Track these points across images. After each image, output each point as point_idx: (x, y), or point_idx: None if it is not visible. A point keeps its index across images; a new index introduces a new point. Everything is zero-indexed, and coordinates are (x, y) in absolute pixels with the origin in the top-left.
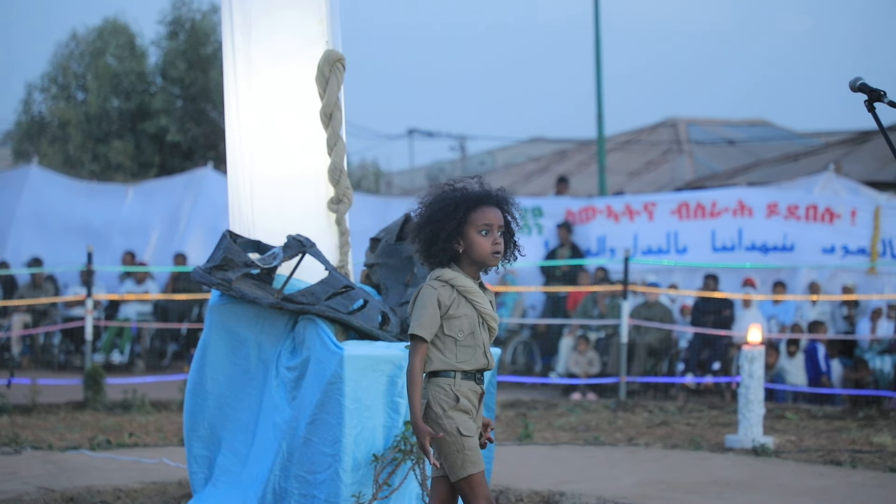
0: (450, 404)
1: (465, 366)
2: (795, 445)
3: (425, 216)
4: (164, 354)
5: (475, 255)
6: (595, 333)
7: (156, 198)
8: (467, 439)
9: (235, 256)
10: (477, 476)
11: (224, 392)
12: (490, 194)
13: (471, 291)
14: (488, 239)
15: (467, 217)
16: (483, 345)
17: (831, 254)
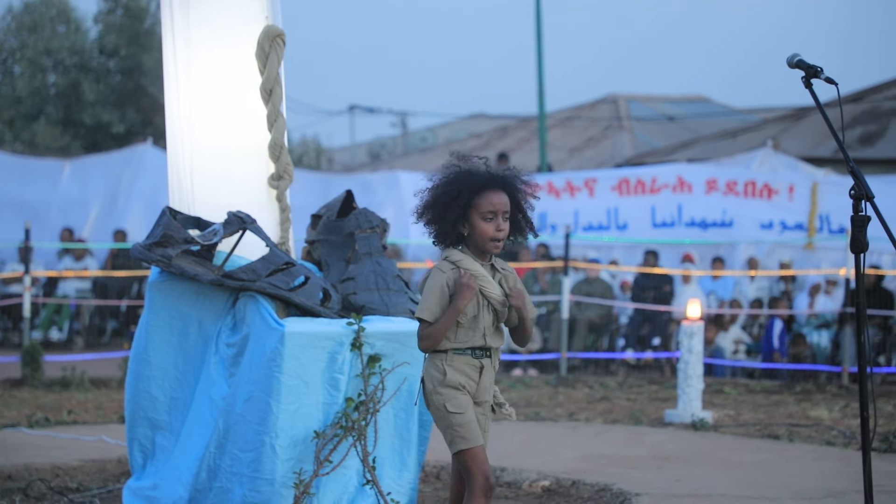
0: (439, 380)
1: (460, 345)
2: (734, 420)
3: (432, 198)
4: (104, 331)
5: (476, 241)
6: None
7: (94, 173)
8: (455, 415)
9: (175, 233)
10: (469, 452)
11: (165, 370)
12: (496, 178)
13: (476, 275)
14: (491, 225)
15: (472, 202)
16: (483, 328)
17: (769, 229)
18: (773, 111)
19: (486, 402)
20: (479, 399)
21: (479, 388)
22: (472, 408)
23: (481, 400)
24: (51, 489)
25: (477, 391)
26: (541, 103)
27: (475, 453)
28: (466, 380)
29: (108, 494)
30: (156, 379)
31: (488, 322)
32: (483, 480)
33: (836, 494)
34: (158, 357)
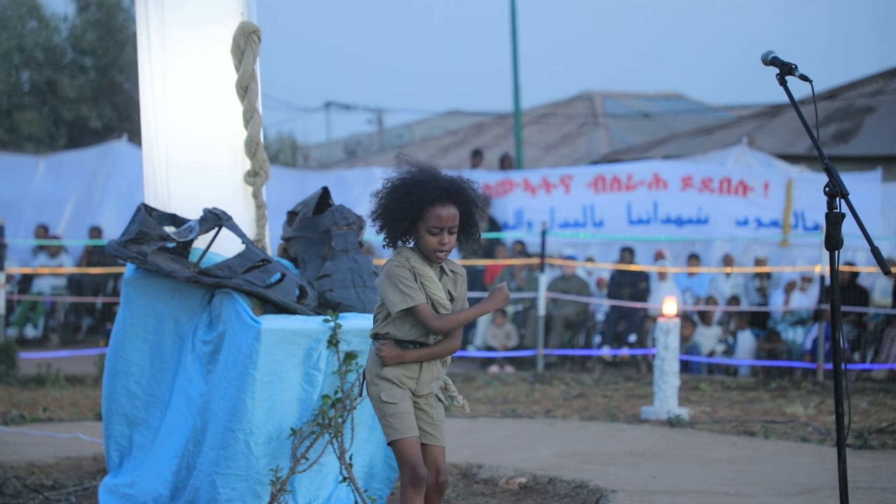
0: (376, 372)
1: (404, 337)
2: (710, 416)
3: (383, 205)
4: (79, 329)
5: (422, 250)
6: (512, 306)
7: (68, 170)
8: (387, 405)
9: (151, 230)
10: (399, 442)
11: (142, 367)
12: (447, 191)
13: (424, 276)
14: (436, 238)
15: (420, 214)
16: None
17: (745, 226)
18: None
19: (430, 394)
20: (421, 392)
21: (419, 382)
22: (406, 401)
23: (424, 393)
24: (26, 486)
25: (418, 385)
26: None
27: (405, 444)
28: (406, 372)
29: (83, 492)
30: (133, 376)
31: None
32: (410, 472)
33: (812, 490)
34: (135, 354)
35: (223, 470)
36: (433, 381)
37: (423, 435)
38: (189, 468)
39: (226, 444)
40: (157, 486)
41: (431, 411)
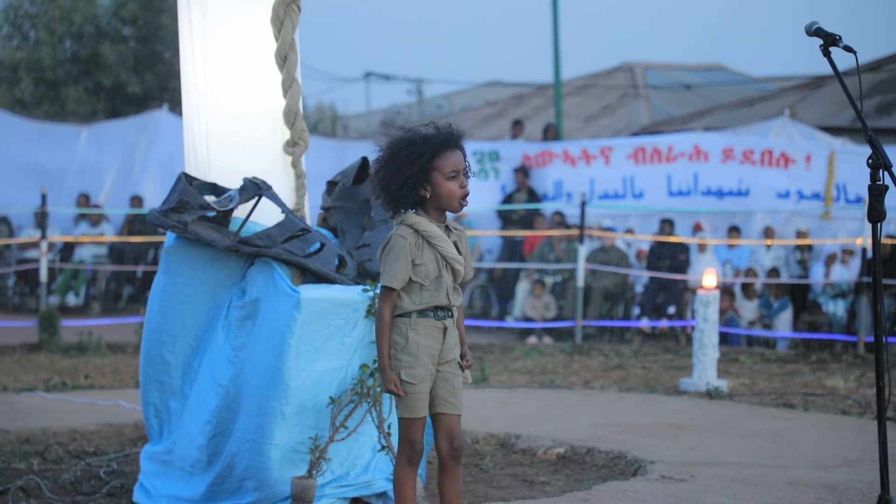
0: (400, 345)
1: (424, 306)
2: (749, 388)
3: (388, 162)
4: (120, 297)
5: (442, 201)
6: (551, 277)
7: (110, 139)
8: (407, 384)
9: (191, 199)
10: (409, 421)
11: (176, 336)
12: (452, 137)
13: (434, 236)
14: (456, 183)
15: (433, 163)
16: (446, 287)
17: (786, 199)
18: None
19: (453, 360)
20: (446, 359)
21: (444, 349)
22: (425, 381)
23: (448, 359)
24: (68, 453)
25: (442, 352)
26: (557, 71)
27: (413, 424)
28: (432, 342)
29: (125, 458)
30: (167, 344)
31: (449, 281)
32: (409, 449)
33: (851, 463)
34: (171, 323)
35: (259, 437)
36: (455, 346)
37: (443, 404)
38: (224, 435)
39: (262, 412)
40: (193, 452)
41: (454, 380)
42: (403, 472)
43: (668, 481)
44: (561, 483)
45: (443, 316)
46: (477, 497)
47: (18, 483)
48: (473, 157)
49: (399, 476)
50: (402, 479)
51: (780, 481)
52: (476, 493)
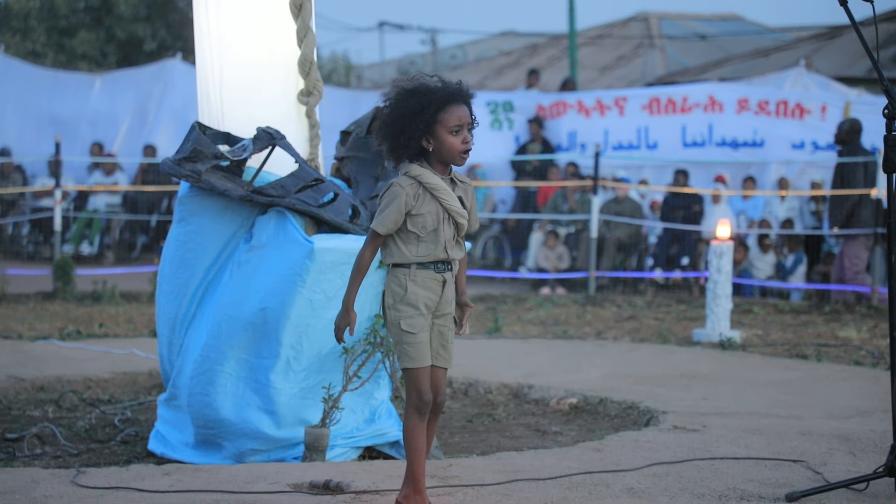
0: (399, 296)
1: (423, 259)
2: (762, 339)
3: (393, 115)
4: (134, 246)
5: (444, 155)
6: (565, 228)
7: (123, 88)
8: (406, 334)
9: (205, 148)
10: (413, 372)
11: (191, 284)
12: (458, 92)
13: (437, 188)
14: (459, 138)
15: (437, 117)
16: (444, 241)
17: (801, 149)
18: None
19: (449, 313)
20: (442, 311)
21: (441, 301)
22: (425, 331)
23: (444, 312)
24: (83, 401)
25: (440, 304)
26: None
27: (418, 373)
28: (430, 294)
29: (139, 406)
30: (179, 293)
31: (449, 235)
32: (417, 399)
33: (864, 414)
34: (183, 271)
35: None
36: (452, 299)
37: (436, 357)
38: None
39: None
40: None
41: (448, 333)
42: (412, 422)
43: (681, 431)
44: (573, 433)
45: (443, 269)
46: (490, 447)
47: (33, 430)
48: (487, 108)
49: (408, 426)
50: (412, 429)
51: (793, 431)
52: (489, 442)
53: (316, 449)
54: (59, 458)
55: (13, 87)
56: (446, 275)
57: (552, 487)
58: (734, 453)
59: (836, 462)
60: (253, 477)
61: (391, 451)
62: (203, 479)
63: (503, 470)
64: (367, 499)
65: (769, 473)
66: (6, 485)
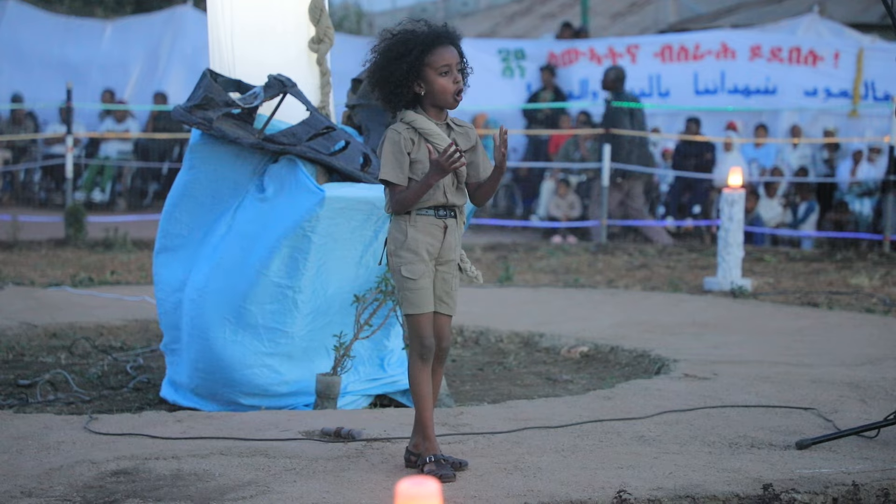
0: (400, 242)
1: (423, 204)
2: (773, 288)
3: (381, 62)
4: (145, 194)
5: (436, 97)
6: (576, 177)
7: (134, 35)
8: (408, 280)
9: (216, 96)
10: (416, 317)
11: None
12: (444, 33)
13: (430, 133)
14: (449, 78)
15: (424, 59)
16: (444, 185)
17: (814, 97)
18: None
19: (452, 260)
20: (445, 258)
21: (443, 248)
22: (427, 276)
23: (447, 259)
24: (95, 347)
25: (442, 250)
26: None
27: (420, 320)
28: (431, 240)
29: (151, 354)
30: (182, 237)
31: (448, 181)
32: (419, 345)
33: (875, 361)
34: (189, 216)
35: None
36: (456, 246)
37: (440, 304)
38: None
39: (274, 300)
40: (182, 336)
41: (451, 280)
42: (416, 369)
43: (692, 379)
44: (584, 381)
45: (444, 214)
46: (501, 395)
47: (46, 377)
48: (499, 56)
49: (413, 373)
50: (417, 375)
51: (804, 379)
52: (500, 390)
53: (327, 396)
54: (72, 404)
55: (24, 33)
56: (448, 221)
57: (563, 435)
58: (745, 401)
59: (847, 409)
60: (264, 424)
61: (402, 399)
62: (215, 425)
63: (514, 418)
64: (379, 446)
65: (780, 421)
66: (19, 430)
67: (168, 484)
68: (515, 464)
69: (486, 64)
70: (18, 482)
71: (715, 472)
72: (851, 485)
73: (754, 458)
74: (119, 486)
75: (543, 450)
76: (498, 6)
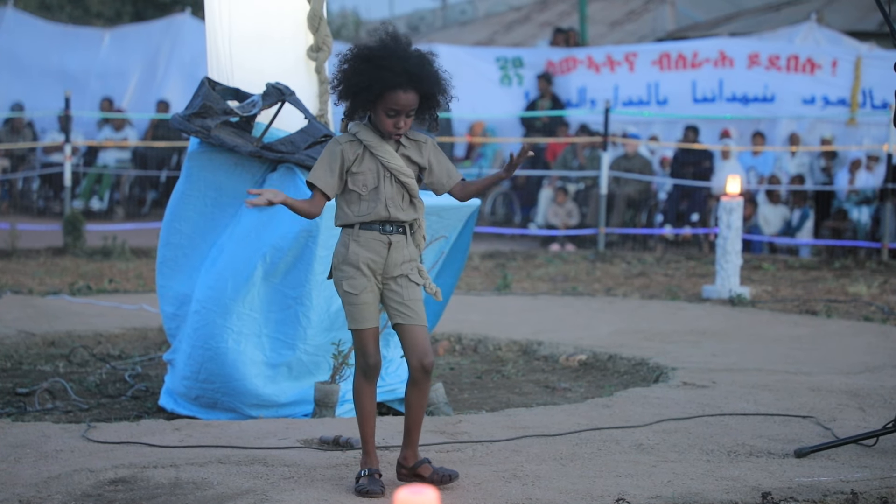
0: (342, 256)
1: (365, 218)
2: (771, 295)
3: (344, 77)
4: (144, 202)
5: (378, 127)
6: (574, 185)
7: (133, 43)
8: (349, 296)
9: (214, 104)
10: (357, 332)
11: (192, 239)
12: (409, 78)
13: (373, 146)
14: (391, 121)
15: (381, 95)
16: (385, 199)
17: (811, 104)
18: None
19: (401, 275)
20: (390, 274)
21: (387, 264)
22: (368, 292)
23: (392, 275)
24: (93, 356)
25: (386, 266)
26: None
27: (362, 335)
28: (372, 255)
29: (149, 362)
30: (182, 248)
31: (391, 193)
32: (362, 360)
33: (873, 369)
34: (188, 226)
35: (273, 333)
36: (403, 262)
37: (397, 315)
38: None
39: (279, 309)
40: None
41: (402, 291)
42: (359, 384)
43: (690, 387)
44: (583, 389)
45: (390, 230)
46: (499, 403)
47: (44, 385)
48: (496, 64)
49: (355, 388)
50: (359, 390)
51: (803, 387)
52: (498, 399)
53: (326, 405)
54: (70, 412)
55: (23, 42)
56: (393, 237)
57: (561, 443)
58: (743, 409)
59: (846, 418)
60: (263, 432)
61: (400, 408)
62: (213, 434)
63: (512, 426)
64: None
65: (778, 429)
66: (17, 439)
67: (166, 492)
68: (514, 472)
69: (484, 72)
70: (17, 490)
71: (713, 480)
72: (850, 493)
73: (753, 467)
74: (117, 494)
75: (542, 458)
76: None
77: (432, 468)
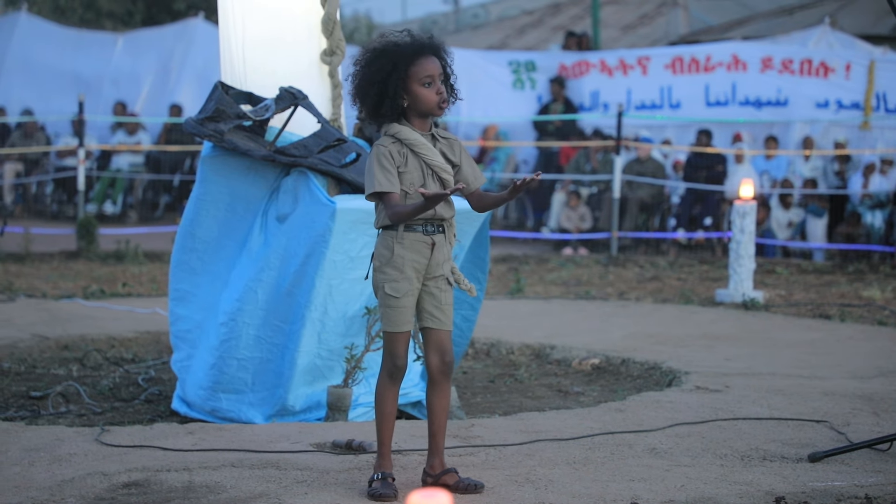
0: (385, 258)
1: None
2: (785, 300)
3: (365, 77)
4: (157, 206)
5: (421, 108)
6: (587, 189)
7: (146, 47)
8: (389, 298)
9: (227, 108)
10: (391, 335)
11: (207, 244)
12: (426, 44)
13: (417, 144)
14: (432, 90)
15: (408, 71)
16: None
17: (825, 108)
18: None
19: (441, 276)
20: (433, 274)
21: (430, 265)
22: (409, 295)
23: (435, 275)
24: (107, 359)
25: (429, 267)
26: None
27: (396, 337)
28: (418, 257)
29: (162, 366)
30: (196, 251)
31: (437, 189)
32: (391, 363)
33: (888, 374)
34: (203, 230)
35: (286, 341)
36: (444, 262)
37: (430, 318)
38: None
39: (291, 321)
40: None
41: (440, 295)
42: (383, 386)
43: (703, 392)
44: (596, 393)
45: (432, 231)
46: (512, 407)
47: (58, 389)
48: (509, 67)
49: (379, 390)
50: (382, 392)
51: (816, 392)
52: (511, 402)
53: (338, 409)
54: (84, 416)
55: (36, 47)
56: (436, 237)
57: (574, 447)
58: (757, 414)
59: (859, 422)
60: (276, 436)
61: (413, 412)
62: (226, 438)
63: (525, 430)
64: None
65: (792, 434)
66: (31, 442)
67: (179, 496)
68: (527, 476)
69: (496, 76)
70: (31, 494)
71: (727, 484)
72: (864, 498)
73: (766, 471)
74: (130, 498)
75: (555, 462)
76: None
77: (458, 477)
